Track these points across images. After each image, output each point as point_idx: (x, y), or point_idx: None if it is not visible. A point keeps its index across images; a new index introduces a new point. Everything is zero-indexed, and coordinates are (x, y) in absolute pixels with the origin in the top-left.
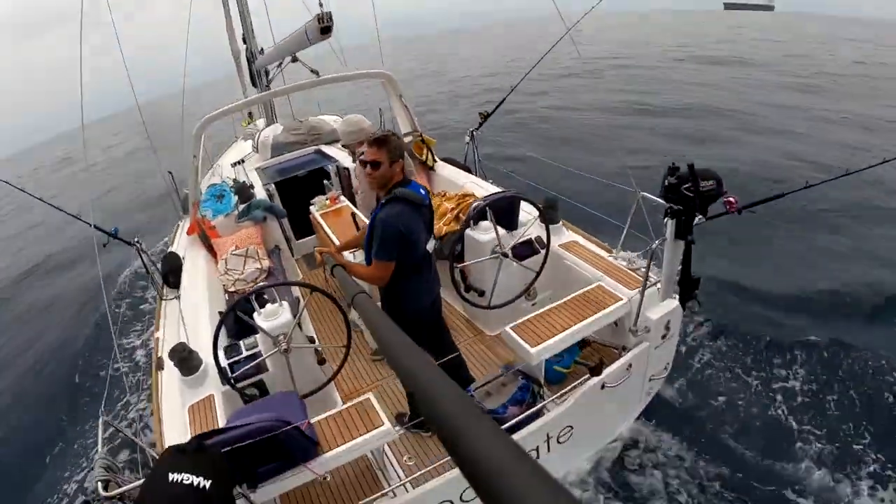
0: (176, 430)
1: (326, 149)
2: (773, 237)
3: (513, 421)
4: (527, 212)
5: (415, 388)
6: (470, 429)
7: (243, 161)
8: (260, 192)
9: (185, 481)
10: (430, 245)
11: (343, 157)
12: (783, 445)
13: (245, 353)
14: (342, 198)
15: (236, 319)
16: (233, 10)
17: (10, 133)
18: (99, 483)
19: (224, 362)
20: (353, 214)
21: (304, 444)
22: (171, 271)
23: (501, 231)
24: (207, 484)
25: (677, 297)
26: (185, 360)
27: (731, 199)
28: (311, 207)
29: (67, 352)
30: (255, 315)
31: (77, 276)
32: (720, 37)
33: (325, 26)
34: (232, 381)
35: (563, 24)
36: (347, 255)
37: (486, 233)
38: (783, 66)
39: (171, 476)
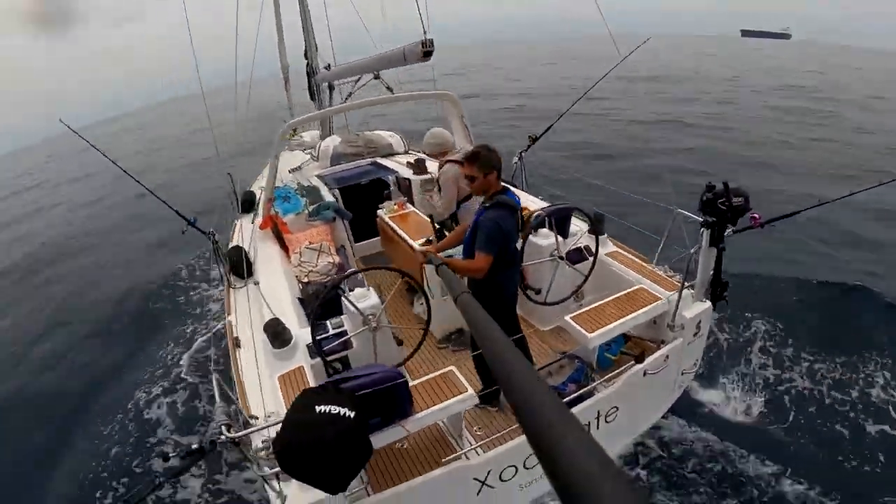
0: (264, 395)
1: (383, 161)
2: None
3: (571, 396)
4: (576, 224)
5: (506, 380)
6: (544, 407)
7: (300, 168)
8: (327, 196)
9: (332, 411)
10: (519, 244)
11: (402, 169)
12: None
13: (332, 331)
14: (408, 204)
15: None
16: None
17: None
18: (223, 427)
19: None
20: (431, 216)
21: (407, 400)
22: (238, 262)
23: (557, 238)
24: (352, 414)
25: (708, 299)
26: (279, 333)
27: (756, 214)
28: (380, 212)
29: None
30: (344, 299)
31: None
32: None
33: (427, 50)
34: (324, 355)
35: (618, 53)
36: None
37: (545, 238)
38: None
39: (317, 408)
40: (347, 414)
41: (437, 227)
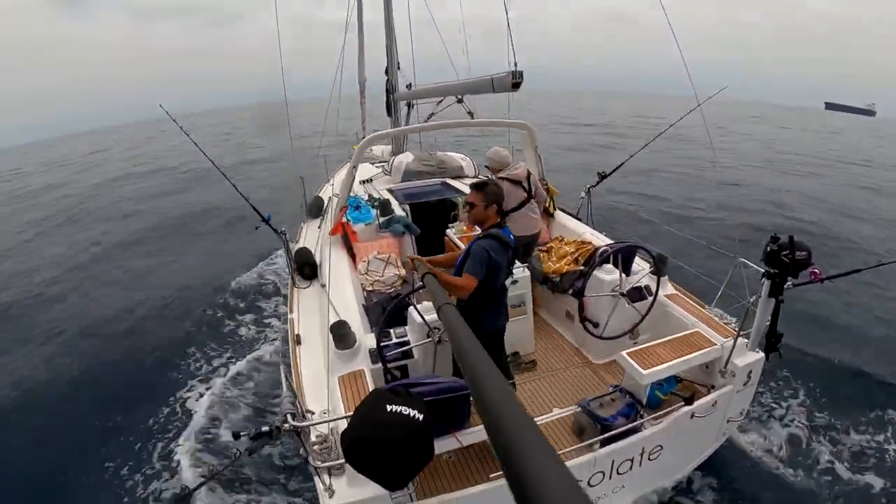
0: (322, 393)
1: (452, 182)
2: None
3: (620, 429)
4: (639, 263)
5: (480, 392)
6: (523, 440)
7: (371, 180)
8: (397, 210)
9: (403, 412)
10: (508, 281)
11: (467, 190)
12: None
13: (395, 340)
14: (477, 226)
15: (382, 311)
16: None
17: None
18: (288, 415)
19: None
20: None
21: (465, 412)
22: (306, 263)
23: (618, 274)
24: (420, 416)
25: (762, 349)
26: (345, 336)
27: (817, 269)
28: (450, 231)
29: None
30: (412, 311)
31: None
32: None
33: (515, 81)
34: (385, 361)
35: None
36: None
37: (608, 274)
38: None
39: (388, 407)
40: (416, 416)
41: None
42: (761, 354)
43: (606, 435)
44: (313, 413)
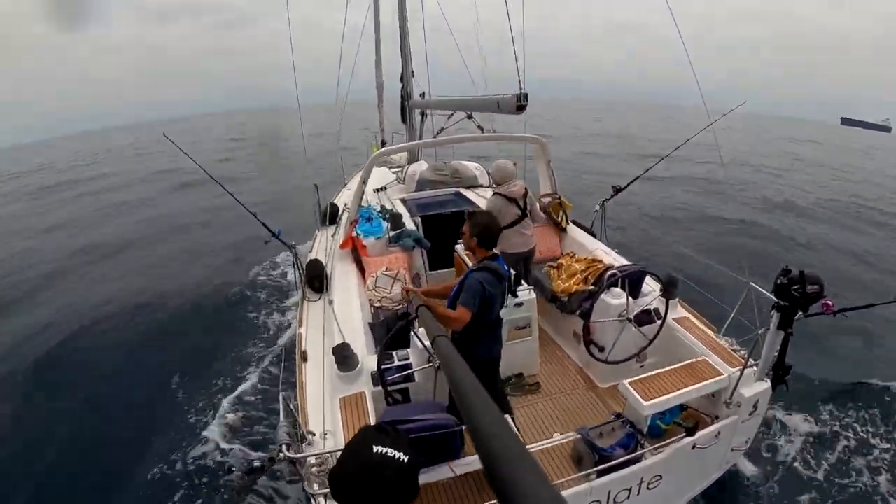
0: (325, 414)
1: (466, 192)
2: None
3: (619, 460)
4: (649, 284)
5: (474, 425)
6: (520, 472)
7: (385, 188)
8: (408, 223)
9: (388, 454)
10: (503, 312)
11: (480, 202)
12: None
13: (397, 363)
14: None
15: (387, 331)
16: (390, 50)
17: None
18: (283, 445)
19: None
20: None
21: (458, 445)
22: (316, 276)
23: (627, 298)
24: (405, 459)
25: (769, 380)
26: (347, 358)
27: (829, 302)
28: (458, 247)
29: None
30: (414, 333)
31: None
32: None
33: (520, 105)
34: (385, 385)
35: (707, 117)
36: None
37: (616, 298)
38: None
39: (374, 448)
40: (402, 458)
41: None
42: (768, 384)
43: (603, 466)
44: (314, 434)
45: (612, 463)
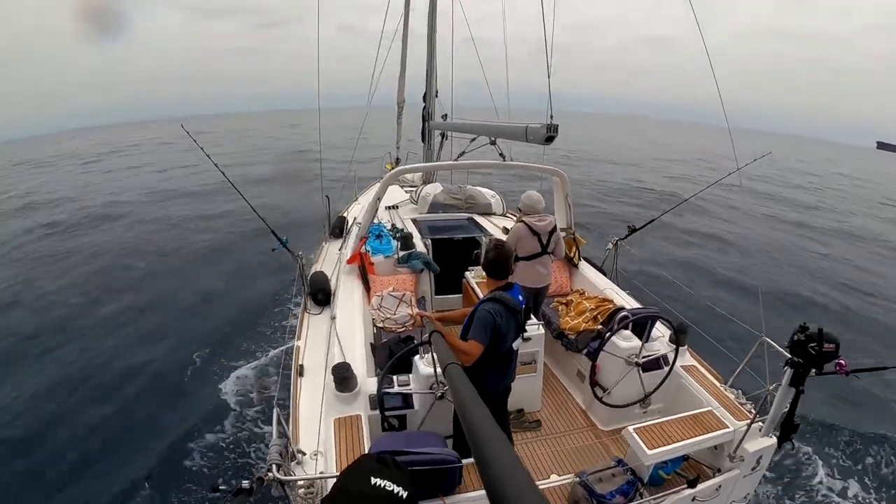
0: (316, 435)
1: (479, 218)
2: None
3: None
4: (658, 329)
5: (482, 456)
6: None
7: (397, 207)
8: (418, 245)
9: (387, 487)
10: (517, 344)
11: (496, 231)
12: None
13: (396, 388)
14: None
15: (390, 354)
16: (414, 70)
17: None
18: (274, 465)
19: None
20: None
21: (454, 480)
22: (320, 289)
23: (637, 343)
24: (405, 494)
25: (775, 436)
26: (346, 379)
27: (842, 361)
28: (468, 274)
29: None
30: (418, 358)
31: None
32: None
33: (550, 136)
34: (383, 409)
35: (736, 163)
36: None
37: (626, 340)
38: None
39: (373, 480)
40: (401, 494)
41: None
42: (773, 440)
43: None
44: (304, 454)
45: None
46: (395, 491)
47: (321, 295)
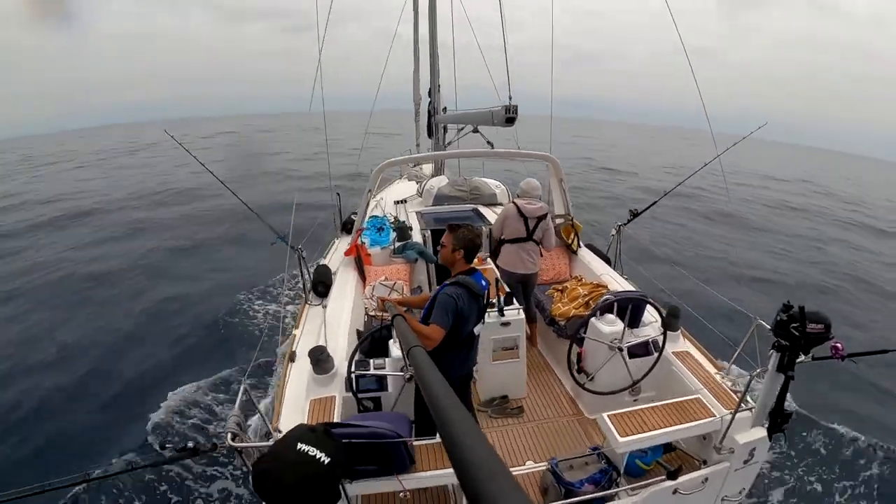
0: (295, 413)
1: (483, 209)
2: None
3: (585, 497)
4: (652, 314)
5: (449, 436)
6: (492, 479)
7: (405, 201)
8: (416, 236)
9: (309, 452)
10: (478, 328)
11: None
12: None
13: (372, 371)
14: (488, 259)
15: (372, 340)
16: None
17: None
18: (229, 434)
19: (353, 374)
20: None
21: (403, 457)
22: (321, 281)
23: (620, 326)
24: (327, 461)
25: (766, 426)
26: (321, 361)
27: (838, 344)
28: None
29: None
30: (392, 342)
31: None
32: None
33: (509, 117)
34: (356, 391)
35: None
36: None
37: (609, 325)
38: None
39: (299, 445)
40: (322, 459)
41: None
42: (765, 432)
43: (568, 501)
44: (281, 432)
45: (579, 499)
46: (318, 456)
47: (321, 287)
